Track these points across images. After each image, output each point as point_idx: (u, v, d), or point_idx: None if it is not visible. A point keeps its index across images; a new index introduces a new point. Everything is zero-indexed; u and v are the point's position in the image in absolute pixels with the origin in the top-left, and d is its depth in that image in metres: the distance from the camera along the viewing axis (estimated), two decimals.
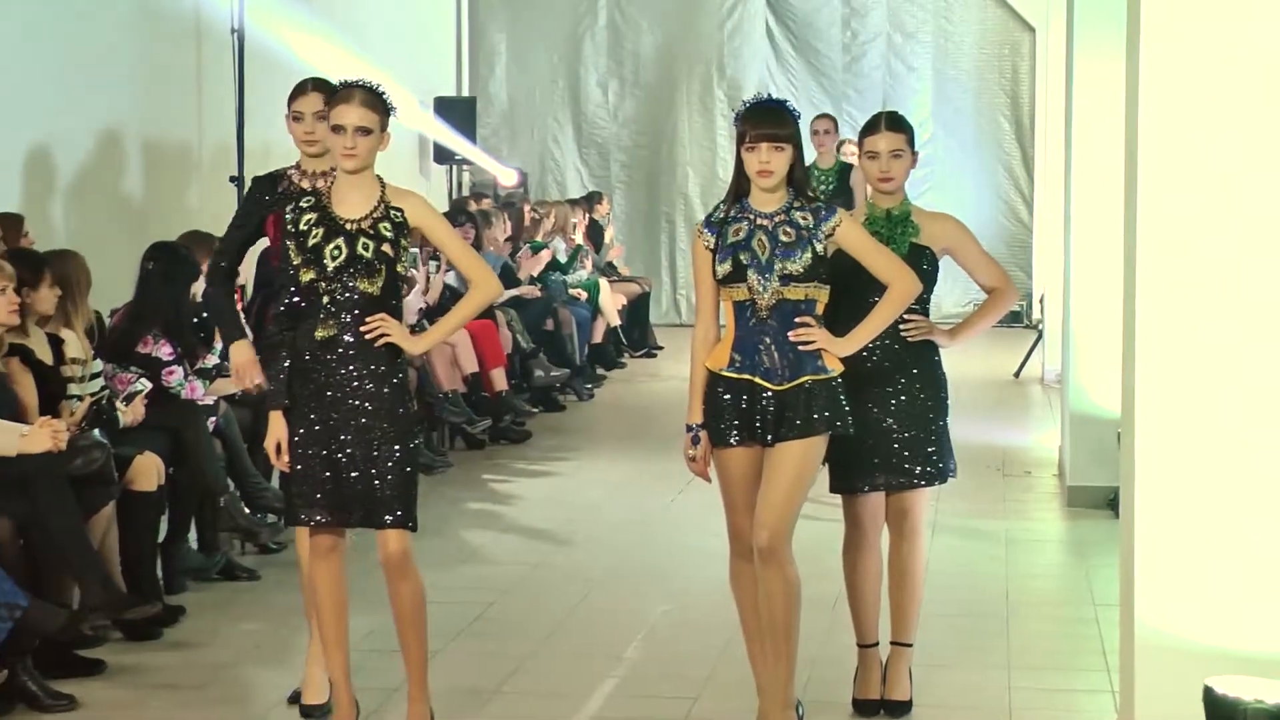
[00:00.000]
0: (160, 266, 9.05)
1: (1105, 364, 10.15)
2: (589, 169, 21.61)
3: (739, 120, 6.34)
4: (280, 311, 6.37)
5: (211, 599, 8.72)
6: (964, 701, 7.16)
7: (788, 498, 6.28)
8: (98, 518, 7.76)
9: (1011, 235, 20.88)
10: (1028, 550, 9.91)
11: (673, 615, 8.52)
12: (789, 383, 6.29)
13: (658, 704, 7.11)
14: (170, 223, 10.96)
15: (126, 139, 12.00)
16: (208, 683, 7.41)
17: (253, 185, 7.10)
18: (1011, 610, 8.47)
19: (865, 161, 6.84)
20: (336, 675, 6.45)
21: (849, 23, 21.21)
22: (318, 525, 6.32)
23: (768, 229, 6.32)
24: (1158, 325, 5.55)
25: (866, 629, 6.91)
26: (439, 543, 9.70)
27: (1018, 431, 13.81)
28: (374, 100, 6.27)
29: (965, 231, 6.94)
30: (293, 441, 6.29)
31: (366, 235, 6.26)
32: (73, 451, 7.56)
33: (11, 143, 10.59)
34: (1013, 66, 21.13)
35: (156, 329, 8.99)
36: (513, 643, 7.94)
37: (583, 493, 11.66)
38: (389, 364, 6.30)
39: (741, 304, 6.33)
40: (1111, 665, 7.29)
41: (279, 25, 13.60)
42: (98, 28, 11.60)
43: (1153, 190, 5.53)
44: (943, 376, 6.90)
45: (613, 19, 21.48)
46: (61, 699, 6.99)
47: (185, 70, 12.92)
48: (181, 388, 9.01)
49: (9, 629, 6.68)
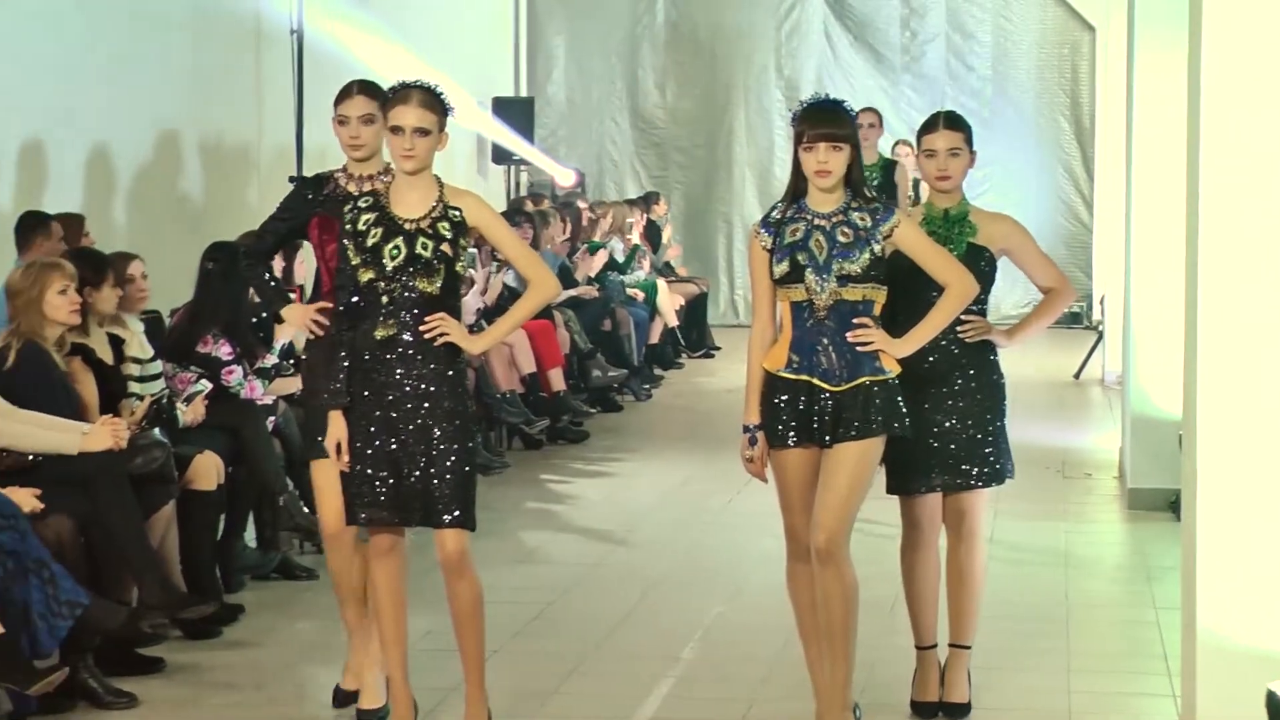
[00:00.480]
0: (220, 266, 9.06)
1: (1166, 365, 10.09)
2: (646, 169, 21.60)
3: (796, 120, 6.32)
4: (339, 311, 6.37)
5: (270, 598, 8.75)
6: (1023, 704, 7.12)
7: (845, 500, 6.26)
8: (157, 517, 7.80)
9: (1071, 236, 20.79)
10: (1088, 553, 9.86)
11: (729, 616, 8.51)
12: (847, 384, 6.27)
13: (714, 705, 7.09)
14: (229, 223, 10.99)
15: (186, 140, 12.06)
16: (266, 682, 7.44)
17: (298, 184, 7.05)
18: (1071, 613, 8.43)
19: (923, 160, 6.82)
20: (395, 674, 6.46)
21: (908, 23, 21.14)
22: (376, 525, 6.33)
23: (825, 229, 6.30)
24: (1220, 326, 5.51)
25: (924, 630, 6.89)
26: (497, 543, 9.72)
27: (1078, 433, 13.75)
28: (432, 101, 6.27)
29: (1023, 232, 6.91)
30: (352, 441, 6.30)
31: (425, 235, 6.27)
32: (133, 450, 7.61)
33: (73, 144, 10.64)
34: (1072, 66, 21.04)
35: (216, 328, 9.03)
36: (570, 643, 7.94)
37: (640, 493, 11.66)
38: (448, 363, 6.30)
39: (799, 304, 6.31)
40: (1173, 669, 7.25)
41: (338, 26, 13.64)
42: (157, 30, 11.65)
43: (1215, 190, 5.49)
44: (1000, 377, 6.87)
45: (670, 19, 21.47)
46: (122, 696, 7.03)
47: (244, 71, 12.97)
48: (241, 387, 9.04)
49: (70, 627, 6.71)
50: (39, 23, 10.34)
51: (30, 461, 7.40)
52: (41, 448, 7.41)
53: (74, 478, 7.29)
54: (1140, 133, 11.00)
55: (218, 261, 9.10)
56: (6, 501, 6.79)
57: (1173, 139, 8.44)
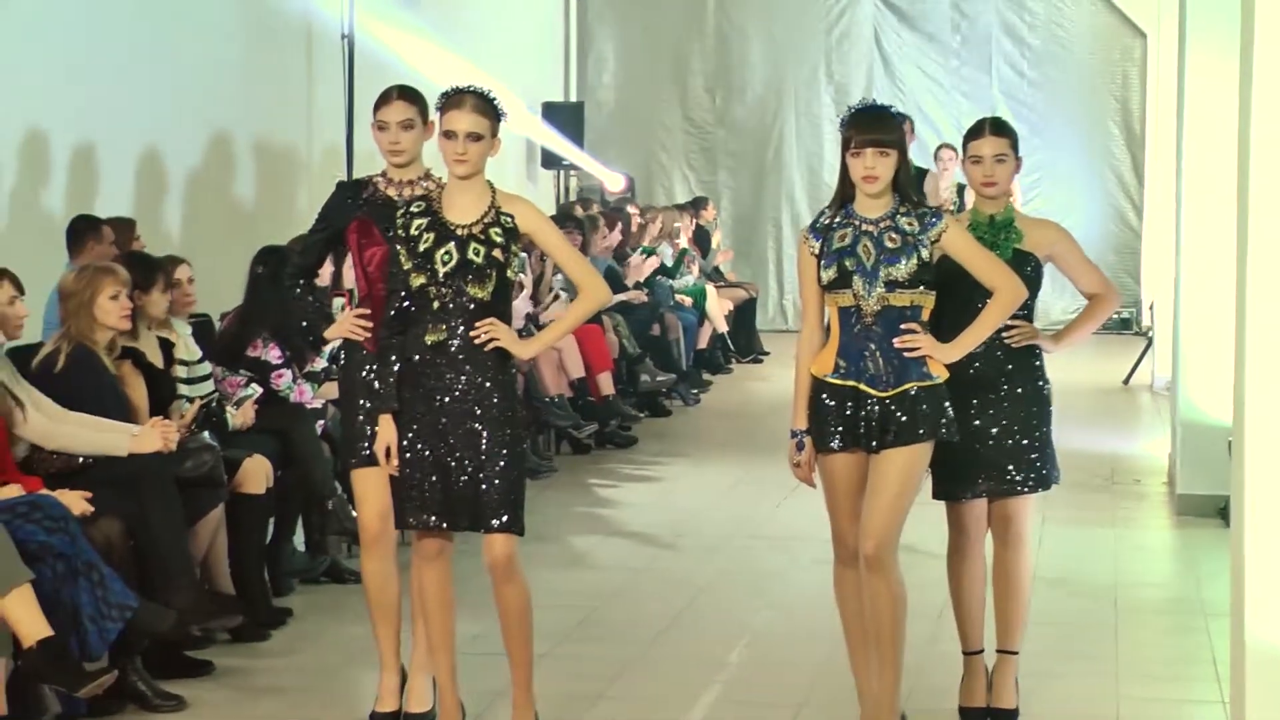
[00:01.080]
0: (269, 270, 9.07)
1: (1216, 372, 10.05)
2: (696, 174, 21.60)
3: (845, 125, 6.31)
4: (390, 316, 6.38)
5: (318, 601, 8.77)
6: (1071, 710, 7.11)
7: (893, 507, 6.25)
8: (206, 520, 7.84)
9: (1121, 242, 20.71)
10: (1137, 558, 9.83)
11: (776, 621, 8.51)
12: (893, 389, 6.26)
13: (761, 711, 7.10)
14: (280, 227, 11.03)
15: (237, 144, 12.12)
16: (314, 685, 7.46)
17: (337, 189, 7.03)
18: (1120, 619, 8.41)
19: (969, 166, 6.81)
20: (443, 678, 6.48)
21: (959, 27, 21.10)
22: (424, 529, 6.34)
23: (873, 235, 6.29)
24: (1270, 333, 5.48)
25: (971, 636, 6.87)
26: (544, 547, 9.73)
27: (1127, 439, 13.71)
28: (485, 106, 6.28)
29: (1069, 238, 6.90)
30: (401, 445, 6.32)
31: (477, 240, 6.28)
32: (183, 454, 7.64)
33: (123, 148, 10.71)
34: (1123, 72, 20.96)
35: (265, 332, 9.06)
36: (617, 647, 7.95)
37: (688, 498, 11.66)
38: (498, 368, 6.31)
39: (846, 310, 6.31)
40: (1222, 675, 7.22)
41: (388, 30, 13.68)
42: (208, 34, 11.71)
43: (1266, 197, 5.47)
44: (1046, 383, 6.85)
45: (720, 24, 21.46)
46: (170, 699, 7.06)
47: (296, 75, 13.03)
48: (290, 391, 9.08)
49: (119, 629, 6.73)
50: (91, 28, 10.40)
51: (80, 464, 7.45)
52: (91, 449, 7.46)
53: (123, 480, 7.33)
54: (1191, 139, 10.96)
55: (267, 265, 9.11)
56: (56, 504, 6.82)
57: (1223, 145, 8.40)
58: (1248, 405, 5.53)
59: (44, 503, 6.80)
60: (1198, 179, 10.80)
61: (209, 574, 8.00)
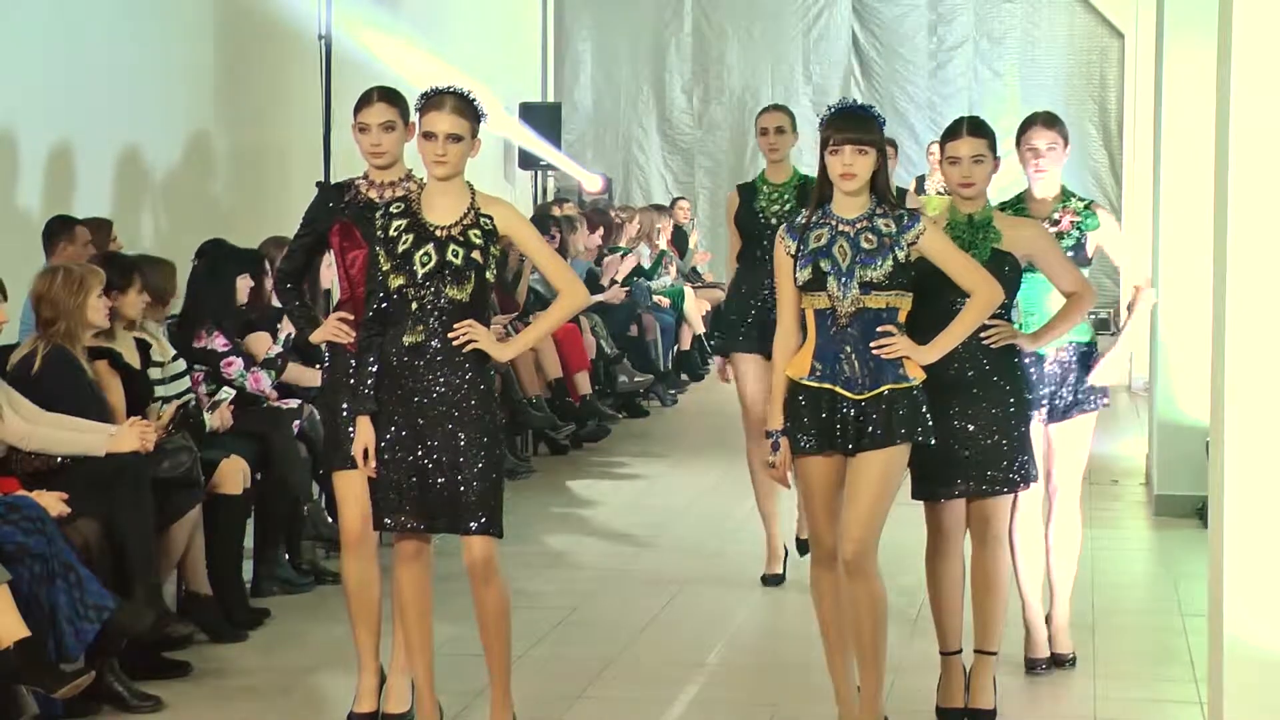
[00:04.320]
0: (205, 262, 9.23)
1: (1194, 372, 10.08)
2: (673, 175, 21.61)
3: (824, 125, 6.31)
4: (369, 317, 6.36)
5: (297, 602, 8.76)
6: (1048, 711, 7.12)
7: (872, 511, 6.25)
8: (183, 521, 7.83)
9: None
10: (1115, 559, 9.84)
11: (754, 621, 8.51)
12: (869, 392, 6.25)
13: (740, 710, 7.10)
14: (257, 228, 11.01)
15: (213, 144, 12.09)
16: (292, 686, 7.45)
17: (319, 193, 7.02)
18: (1098, 620, 8.41)
19: (946, 167, 6.82)
20: (421, 679, 6.47)
21: (935, 29, 21.13)
22: (402, 531, 6.33)
23: (849, 235, 6.28)
24: (1247, 332, 5.49)
25: (950, 636, 6.87)
26: (522, 548, 9.72)
27: (1104, 440, 13.67)
28: (465, 107, 6.27)
29: (1047, 238, 6.93)
30: (380, 447, 6.30)
31: (456, 242, 6.27)
32: (160, 454, 7.63)
33: (99, 148, 10.68)
34: (1101, 72, 21.00)
35: (208, 322, 9.05)
36: (595, 648, 7.94)
37: (666, 498, 11.66)
38: (476, 370, 6.30)
39: (822, 312, 6.30)
40: (1200, 676, 7.23)
41: (366, 31, 13.67)
42: (184, 33, 11.69)
43: (1244, 197, 5.47)
44: (1024, 383, 6.87)
45: (698, 25, 21.48)
46: (147, 700, 7.04)
47: (273, 77, 13.00)
48: (243, 378, 9.05)
49: (96, 630, 6.72)
50: (67, 27, 10.37)
51: (58, 464, 7.44)
52: (69, 450, 7.45)
53: (101, 480, 7.32)
54: (1169, 139, 10.98)
55: (203, 258, 9.29)
56: (34, 505, 6.81)
57: (1201, 146, 8.42)
58: (1225, 405, 5.54)
59: (21, 504, 6.79)
60: (1176, 180, 10.83)
61: (186, 574, 8.00)
